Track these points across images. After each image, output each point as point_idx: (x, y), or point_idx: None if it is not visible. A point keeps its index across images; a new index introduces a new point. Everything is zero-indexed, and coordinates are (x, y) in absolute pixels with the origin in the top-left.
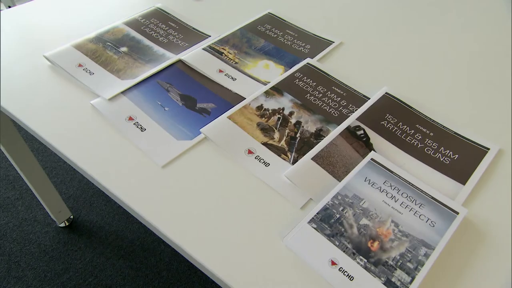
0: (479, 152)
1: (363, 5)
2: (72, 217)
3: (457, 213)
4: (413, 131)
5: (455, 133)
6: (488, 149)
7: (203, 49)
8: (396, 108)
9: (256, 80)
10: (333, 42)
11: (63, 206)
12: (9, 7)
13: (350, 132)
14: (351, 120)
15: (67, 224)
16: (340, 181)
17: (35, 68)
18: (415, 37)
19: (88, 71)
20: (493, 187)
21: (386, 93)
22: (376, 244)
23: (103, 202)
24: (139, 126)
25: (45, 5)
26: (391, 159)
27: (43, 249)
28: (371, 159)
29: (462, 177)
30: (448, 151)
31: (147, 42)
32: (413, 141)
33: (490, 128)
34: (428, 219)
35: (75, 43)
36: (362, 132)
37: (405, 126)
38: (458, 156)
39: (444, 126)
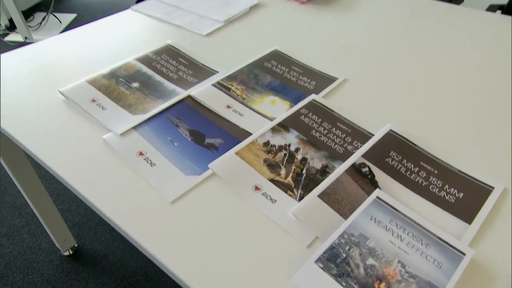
0: (483, 191)
1: (367, 42)
2: (76, 245)
3: (464, 254)
4: (417, 168)
5: (459, 171)
6: (493, 188)
7: (212, 85)
8: (400, 145)
9: (263, 116)
10: (337, 78)
11: (68, 234)
12: (26, 38)
13: (355, 169)
14: (356, 157)
15: (71, 252)
16: (346, 219)
17: (51, 102)
18: (418, 74)
19: (101, 106)
20: (499, 227)
21: (390, 130)
22: (383, 285)
23: (107, 230)
24: (149, 161)
25: (62, 41)
26: (396, 197)
27: (46, 278)
28: (377, 197)
29: (467, 216)
30: (452, 189)
31: (158, 77)
32: (417, 178)
33: (495, 167)
34: (435, 259)
35: (89, 79)
36: (367, 169)
37: (410, 164)
38: (463, 195)
39: (448, 164)
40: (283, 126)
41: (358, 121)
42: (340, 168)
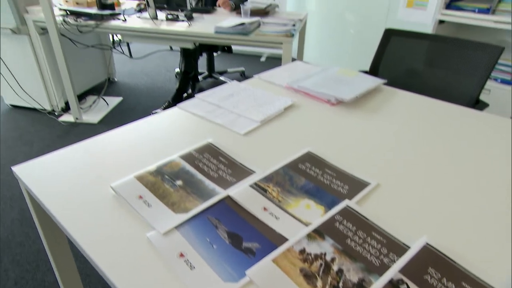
0: None
1: (396, 146)
2: None
3: None
4: None
5: None
6: None
7: (249, 185)
8: (438, 262)
9: (298, 220)
10: (370, 183)
11: None
12: (76, 119)
13: (393, 287)
14: (393, 272)
15: None
16: None
17: (101, 195)
18: (451, 182)
19: (147, 203)
20: None
21: (426, 243)
22: None
23: None
24: (189, 264)
25: (113, 137)
26: None
27: None
28: None
29: None
30: None
31: (199, 176)
32: None
33: None
34: None
35: (138, 175)
36: (405, 287)
37: (450, 283)
38: None
39: (492, 287)
40: (319, 233)
41: (393, 230)
42: (378, 284)
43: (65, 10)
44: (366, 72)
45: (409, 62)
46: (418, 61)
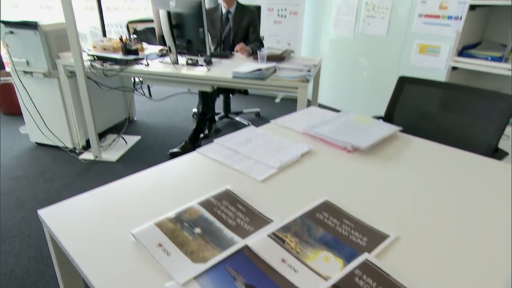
0: None
1: (418, 197)
2: None
3: None
4: None
5: None
6: None
7: (267, 235)
8: None
9: (317, 273)
10: (389, 236)
11: None
12: (96, 157)
13: None
14: None
15: None
16: None
17: (121, 242)
18: (476, 235)
19: (166, 252)
20: None
21: None
22: None
23: None
24: None
25: (134, 182)
26: None
27: None
28: None
29: None
30: None
31: (218, 224)
32: None
33: None
34: None
35: (157, 222)
36: None
37: None
38: None
39: None
40: None
41: None
42: None
43: (93, 56)
44: (381, 117)
45: (424, 109)
46: (434, 109)
